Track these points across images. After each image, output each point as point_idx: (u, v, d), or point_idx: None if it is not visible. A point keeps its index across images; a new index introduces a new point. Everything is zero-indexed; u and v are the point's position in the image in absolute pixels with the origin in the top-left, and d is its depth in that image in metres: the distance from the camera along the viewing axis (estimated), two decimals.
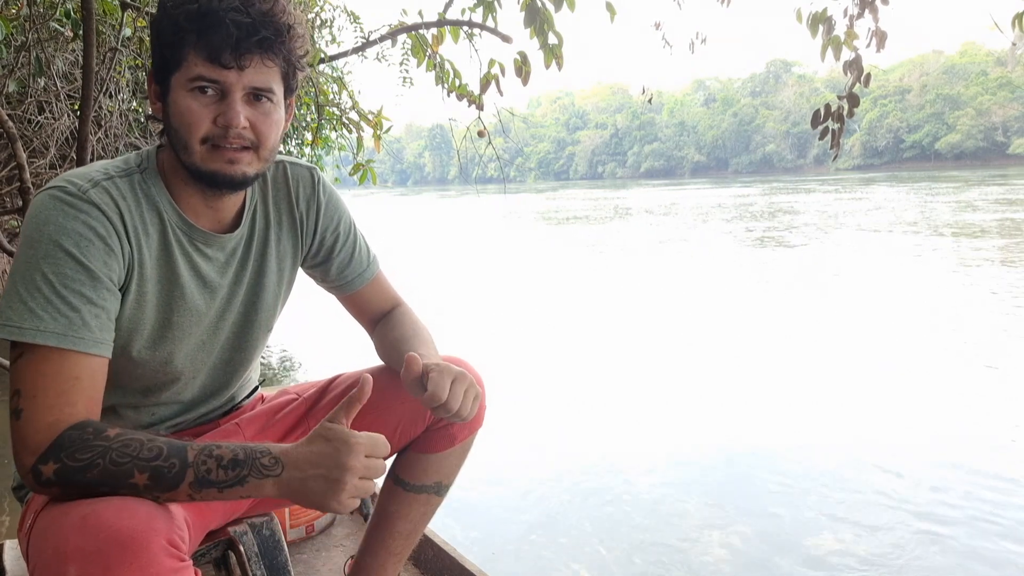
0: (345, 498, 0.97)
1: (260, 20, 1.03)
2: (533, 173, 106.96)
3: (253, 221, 1.24)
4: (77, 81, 5.02)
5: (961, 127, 72.61)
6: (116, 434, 0.95)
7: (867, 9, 2.92)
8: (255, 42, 1.03)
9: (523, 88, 3.32)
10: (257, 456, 0.97)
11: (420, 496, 1.42)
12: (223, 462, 0.95)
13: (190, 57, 1.03)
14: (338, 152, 6.02)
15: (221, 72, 1.04)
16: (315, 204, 1.30)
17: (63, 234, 1.01)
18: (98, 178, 1.07)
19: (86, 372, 1.00)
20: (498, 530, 3.05)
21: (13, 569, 1.36)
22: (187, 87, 1.05)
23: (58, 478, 0.94)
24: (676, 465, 3.67)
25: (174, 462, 0.94)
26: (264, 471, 0.96)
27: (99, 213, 1.04)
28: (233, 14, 1.02)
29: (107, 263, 1.04)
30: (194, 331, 1.20)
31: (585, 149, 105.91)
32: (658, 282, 10.16)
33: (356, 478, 0.97)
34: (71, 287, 1.00)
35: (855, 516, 3.06)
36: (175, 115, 1.07)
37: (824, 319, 7.12)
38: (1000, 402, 4.48)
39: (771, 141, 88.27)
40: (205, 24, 1.02)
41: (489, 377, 1.39)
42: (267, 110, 1.09)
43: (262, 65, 1.06)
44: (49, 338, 0.98)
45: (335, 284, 1.39)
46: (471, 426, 1.39)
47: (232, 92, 1.05)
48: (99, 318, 1.02)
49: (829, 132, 2.99)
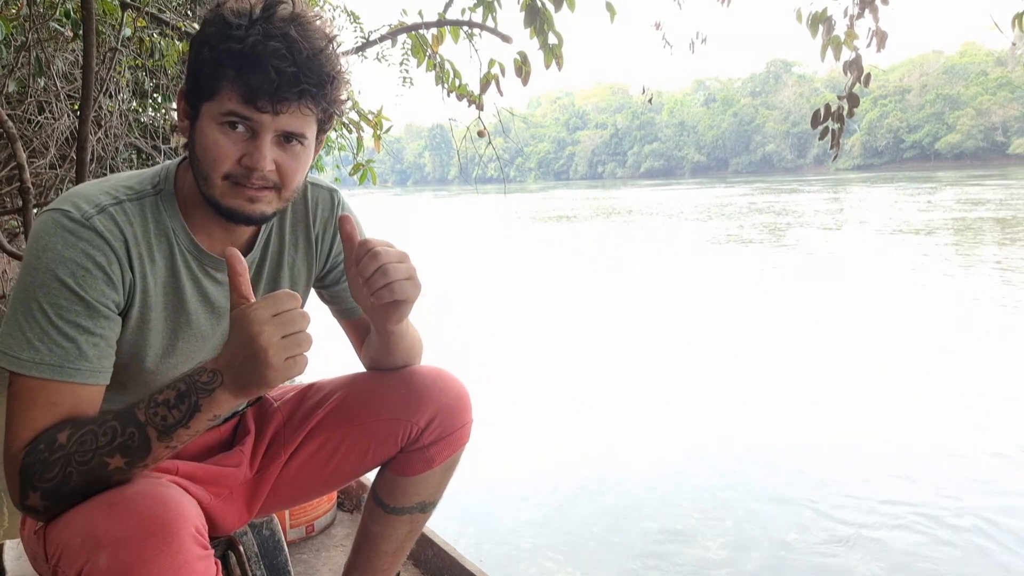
0: (276, 366, 0.91)
1: (304, 70, 0.99)
2: (533, 173, 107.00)
3: (267, 244, 1.23)
4: (77, 81, 5.01)
5: (961, 127, 72.62)
6: (68, 436, 0.95)
7: (867, 9, 2.92)
8: (295, 92, 1.00)
9: (523, 88, 3.33)
10: (196, 378, 0.95)
11: (403, 517, 1.38)
12: (170, 403, 0.94)
13: (225, 91, 1.00)
14: (338, 152, 6.01)
15: (255, 113, 1.00)
16: (332, 225, 1.28)
17: (60, 263, 0.99)
18: (105, 203, 1.05)
19: (68, 400, 0.99)
20: (498, 531, 3.05)
21: (13, 569, 1.36)
22: (218, 119, 1.02)
23: (48, 502, 0.95)
24: (676, 467, 3.67)
25: (132, 431, 0.94)
26: (208, 386, 0.94)
27: (101, 241, 1.02)
28: (276, 61, 0.98)
29: (105, 293, 1.02)
30: (198, 355, 1.18)
31: (585, 149, 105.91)
32: (615, 281, 10.36)
33: (274, 341, 0.91)
34: (67, 318, 0.99)
35: (856, 520, 3.06)
36: (201, 145, 1.04)
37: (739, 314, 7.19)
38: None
39: (771, 141, 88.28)
40: (246, 65, 0.98)
41: (477, 380, 1.38)
42: (296, 153, 1.06)
43: (299, 112, 1.02)
44: (44, 370, 0.97)
45: (346, 308, 1.36)
46: (451, 447, 1.33)
47: (263, 134, 1.02)
48: (97, 347, 1.01)
49: (829, 132, 2.99)
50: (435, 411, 1.30)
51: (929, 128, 75.84)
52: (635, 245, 14.88)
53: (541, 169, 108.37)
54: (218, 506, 1.25)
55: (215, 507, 1.24)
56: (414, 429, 1.29)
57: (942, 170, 61.48)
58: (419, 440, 1.30)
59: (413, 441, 1.30)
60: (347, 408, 1.33)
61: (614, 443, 3.99)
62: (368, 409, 1.31)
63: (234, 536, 1.34)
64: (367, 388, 1.34)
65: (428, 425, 1.30)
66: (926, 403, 4.50)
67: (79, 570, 0.88)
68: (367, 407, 1.31)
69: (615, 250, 13.98)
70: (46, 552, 0.99)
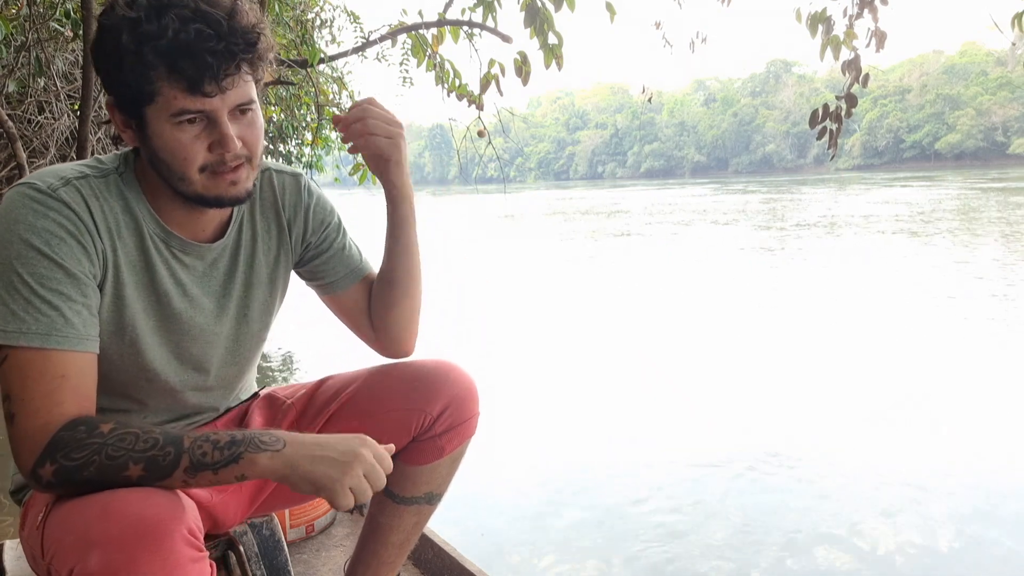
0: (349, 482, 0.95)
1: (230, 40, 0.98)
2: (533, 173, 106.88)
3: (240, 230, 1.23)
4: (77, 81, 5.02)
5: (961, 127, 72.54)
6: (110, 429, 0.95)
7: (866, 9, 2.92)
8: (234, 65, 0.99)
9: (523, 88, 3.33)
10: (257, 435, 0.97)
11: (411, 507, 1.40)
12: (219, 444, 0.95)
13: (164, 91, 0.98)
14: (338, 152, 6.02)
15: (205, 101, 1.00)
16: (301, 207, 1.29)
17: (33, 232, 0.99)
18: (70, 176, 1.05)
19: (72, 369, 0.99)
20: (498, 531, 3.05)
21: (13, 569, 1.36)
22: (171, 121, 1.00)
23: (57, 479, 0.94)
24: (677, 467, 3.67)
25: (169, 450, 0.94)
26: (263, 446, 0.95)
27: (70, 212, 1.02)
28: (203, 42, 0.96)
29: (80, 260, 1.02)
30: (182, 341, 1.18)
31: (585, 149, 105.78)
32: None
33: (362, 470, 0.96)
34: (48, 286, 0.99)
35: (857, 526, 3.06)
36: (163, 149, 1.03)
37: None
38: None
39: (771, 141, 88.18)
40: (177, 57, 0.96)
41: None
42: (251, 120, 1.07)
43: (241, 81, 1.02)
44: (33, 339, 0.97)
45: (326, 283, 1.35)
46: (460, 436, 1.35)
47: (220, 118, 1.02)
48: (81, 314, 1.01)
49: (827, 132, 2.99)
50: (447, 401, 1.32)
51: (929, 128, 75.75)
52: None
53: (541, 169, 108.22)
54: (219, 502, 1.25)
55: (216, 503, 1.24)
56: (427, 418, 1.32)
57: (942, 170, 61.46)
58: (431, 429, 1.33)
59: (425, 430, 1.33)
60: (360, 401, 1.35)
61: (614, 444, 3.99)
62: (381, 401, 1.33)
63: (234, 536, 1.34)
64: (380, 381, 1.35)
65: (440, 414, 1.32)
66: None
67: (71, 569, 0.88)
68: (380, 399, 1.33)
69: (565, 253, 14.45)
70: (42, 549, 0.99)
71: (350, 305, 1.37)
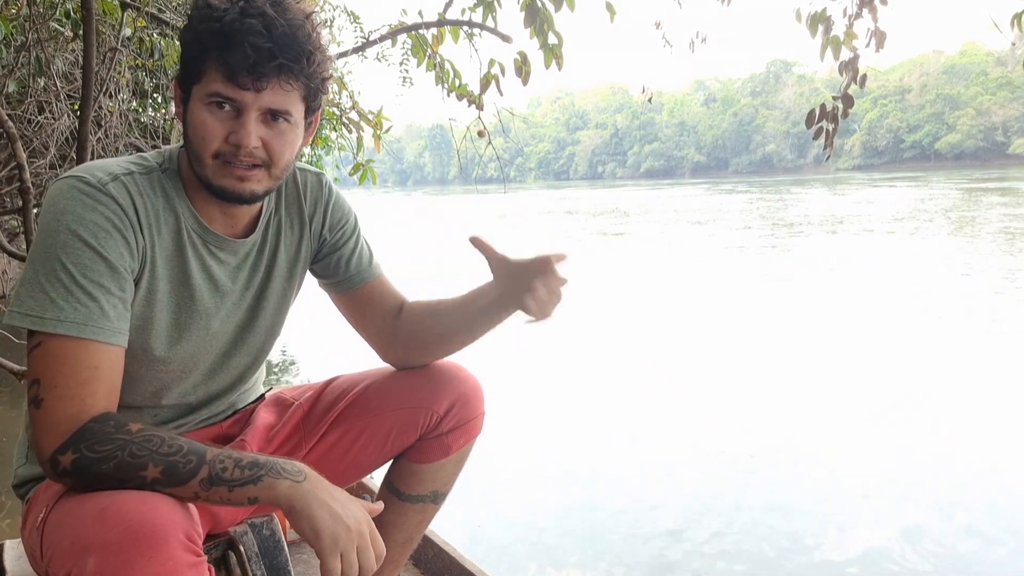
0: (342, 546, 0.96)
1: (280, 45, 1.03)
2: (533, 173, 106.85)
3: (267, 228, 1.25)
4: (77, 81, 5.01)
5: (961, 127, 72.51)
6: (138, 429, 0.97)
7: (866, 9, 2.92)
8: (273, 67, 1.03)
9: (523, 88, 3.32)
10: (279, 462, 0.98)
11: (416, 505, 1.41)
12: (242, 463, 0.97)
13: (210, 72, 1.04)
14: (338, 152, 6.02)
15: (238, 92, 1.04)
16: (322, 204, 1.32)
17: (81, 224, 1.02)
18: (118, 172, 1.09)
19: (105, 362, 1.01)
20: (497, 531, 3.05)
21: (13, 569, 1.36)
22: (205, 100, 1.06)
23: (75, 468, 0.95)
24: (679, 471, 3.67)
25: (192, 458, 0.95)
26: (284, 474, 0.97)
27: (116, 206, 1.05)
28: (253, 37, 1.01)
29: (123, 255, 1.05)
30: (200, 333, 1.20)
31: (585, 149, 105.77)
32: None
33: (354, 540, 0.97)
34: (90, 277, 1.01)
35: (857, 526, 3.06)
36: (191, 126, 1.08)
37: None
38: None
39: (771, 141, 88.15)
40: (225, 43, 1.02)
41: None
42: (282, 130, 1.09)
43: (279, 88, 1.06)
44: (70, 328, 0.99)
45: (339, 280, 1.37)
46: (466, 435, 1.37)
47: (247, 112, 1.05)
48: (116, 308, 1.04)
49: (823, 132, 2.99)
50: (454, 399, 1.34)
51: (929, 128, 75.73)
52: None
53: (541, 169, 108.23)
54: None
55: None
56: (433, 417, 1.33)
57: (942, 170, 61.45)
58: (438, 428, 1.34)
59: (432, 429, 1.34)
60: (368, 399, 1.37)
61: (614, 445, 3.99)
62: (389, 399, 1.34)
63: (234, 536, 1.34)
64: (387, 380, 1.37)
65: (447, 413, 1.34)
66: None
67: (68, 573, 0.89)
68: (388, 397, 1.34)
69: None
70: (41, 551, 0.99)
71: (367, 304, 1.39)
